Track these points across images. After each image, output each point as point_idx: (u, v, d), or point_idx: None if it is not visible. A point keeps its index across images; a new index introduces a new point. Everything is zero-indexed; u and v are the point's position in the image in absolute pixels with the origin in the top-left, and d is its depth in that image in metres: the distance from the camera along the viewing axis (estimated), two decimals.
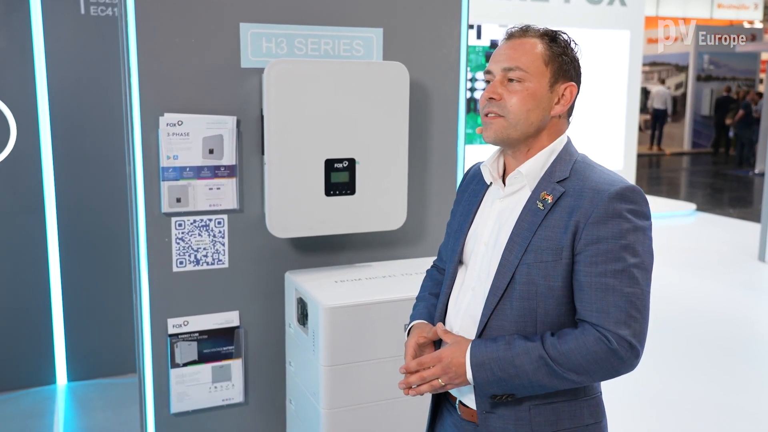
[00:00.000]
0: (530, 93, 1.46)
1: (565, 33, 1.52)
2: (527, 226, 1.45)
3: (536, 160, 1.49)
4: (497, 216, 1.53)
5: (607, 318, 1.37)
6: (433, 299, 1.71)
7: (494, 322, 1.46)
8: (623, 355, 1.37)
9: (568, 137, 1.54)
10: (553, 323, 1.44)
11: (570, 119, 1.55)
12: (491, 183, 1.58)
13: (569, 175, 1.46)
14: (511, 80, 1.47)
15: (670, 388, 3.98)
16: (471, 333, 1.51)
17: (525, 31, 1.50)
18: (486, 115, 1.50)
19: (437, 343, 1.60)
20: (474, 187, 1.64)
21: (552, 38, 1.49)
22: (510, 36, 1.52)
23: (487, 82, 1.52)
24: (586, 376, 1.40)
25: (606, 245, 1.38)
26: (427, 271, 1.84)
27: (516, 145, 1.50)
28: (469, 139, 6.70)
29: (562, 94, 1.49)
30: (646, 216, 1.42)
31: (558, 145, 1.51)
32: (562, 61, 1.48)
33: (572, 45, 1.51)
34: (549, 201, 1.44)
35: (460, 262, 1.60)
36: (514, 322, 1.45)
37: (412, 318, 1.69)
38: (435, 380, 1.48)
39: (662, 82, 17.16)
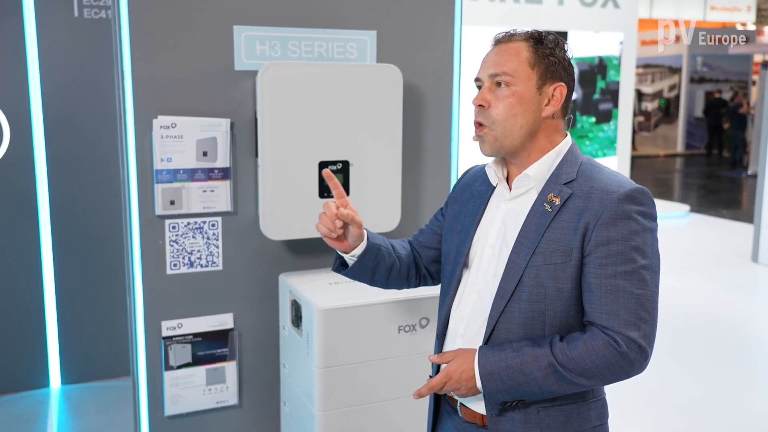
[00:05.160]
0: (517, 97, 1.46)
1: (552, 34, 1.51)
2: (535, 228, 1.45)
3: (543, 163, 1.49)
4: (503, 218, 1.52)
5: (616, 320, 1.37)
6: (389, 247, 1.69)
7: (502, 325, 1.46)
8: (632, 358, 1.37)
9: (572, 139, 1.54)
10: (561, 325, 1.44)
11: (566, 118, 1.54)
12: (496, 185, 1.58)
13: (576, 177, 1.46)
14: (499, 84, 1.47)
15: (665, 388, 3.99)
16: (478, 336, 1.51)
17: (511, 36, 1.50)
18: (476, 124, 1.51)
19: (437, 368, 1.63)
20: (478, 188, 1.63)
21: (538, 40, 1.48)
22: (496, 42, 1.52)
23: (479, 88, 1.52)
24: (596, 380, 1.40)
25: (616, 247, 1.38)
26: (407, 240, 1.82)
27: (514, 152, 1.50)
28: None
29: (552, 95, 1.48)
30: (654, 218, 1.43)
31: (563, 146, 1.51)
32: (548, 62, 1.47)
33: (561, 45, 1.50)
34: (557, 203, 1.44)
35: (465, 264, 1.59)
36: (522, 324, 1.45)
37: None
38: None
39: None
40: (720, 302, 5.78)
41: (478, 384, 1.44)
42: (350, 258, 1.65)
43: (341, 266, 1.70)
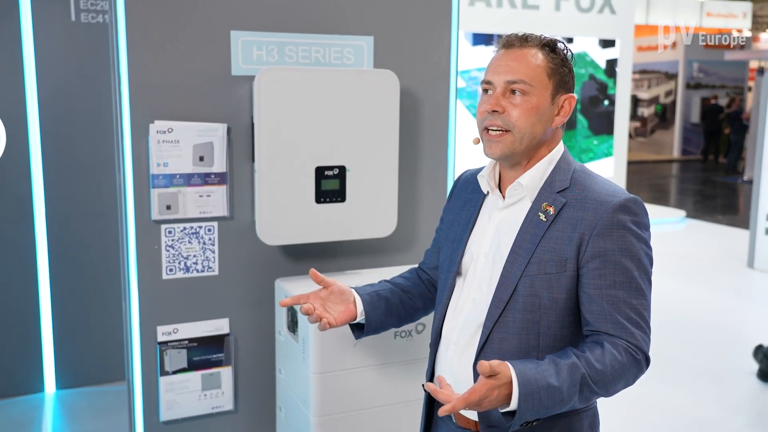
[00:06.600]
0: (533, 106, 1.44)
1: (561, 41, 1.50)
2: (530, 238, 1.44)
3: (535, 171, 1.48)
4: (497, 227, 1.52)
5: (623, 330, 1.37)
6: (387, 286, 1.73)
7: (496, 334, 1.45)
8: (642, 366, 1.38)
9: (564, 146, 1.54)
10: (555, 335, 1.44)
11: (563, 128, 1.54)
12: (488, 192, 1.57)
13: (569, 185, 1.46)
14: (513, 92, 1.44)
15: (659, 393, 3.99)
16: (471, 343, 1.50)
17: (525, 41, 1.47)
18: (487, 128, 1.47)
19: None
20: (469, 195, 1.62)
21: (552, 49, 1.47)
22: (509, 45, 1.48)
23: (485, 91, 1.49)
24: (610, 392, 1.39)
25: (612, 257, 1.38)
26: (411, 269, 1.83)
27: (518, 158, 1.49)
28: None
29: (562, 106, 1.48)
30: (647, 227, 1.44)
31: (556, 154, 1.51)
32: (562, 73, 1.47)
33: (568, 55, 1.50)
34: (551, 212, 1.44)
35: (458, 273, 1.58)
36: (517, 334, 1.44)
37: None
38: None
39: None
40: (716, 307, 5.79)
41: (513, 404, 1.29)
42: (360, 319, 1.68)
43: (360, 330, 1.72)
